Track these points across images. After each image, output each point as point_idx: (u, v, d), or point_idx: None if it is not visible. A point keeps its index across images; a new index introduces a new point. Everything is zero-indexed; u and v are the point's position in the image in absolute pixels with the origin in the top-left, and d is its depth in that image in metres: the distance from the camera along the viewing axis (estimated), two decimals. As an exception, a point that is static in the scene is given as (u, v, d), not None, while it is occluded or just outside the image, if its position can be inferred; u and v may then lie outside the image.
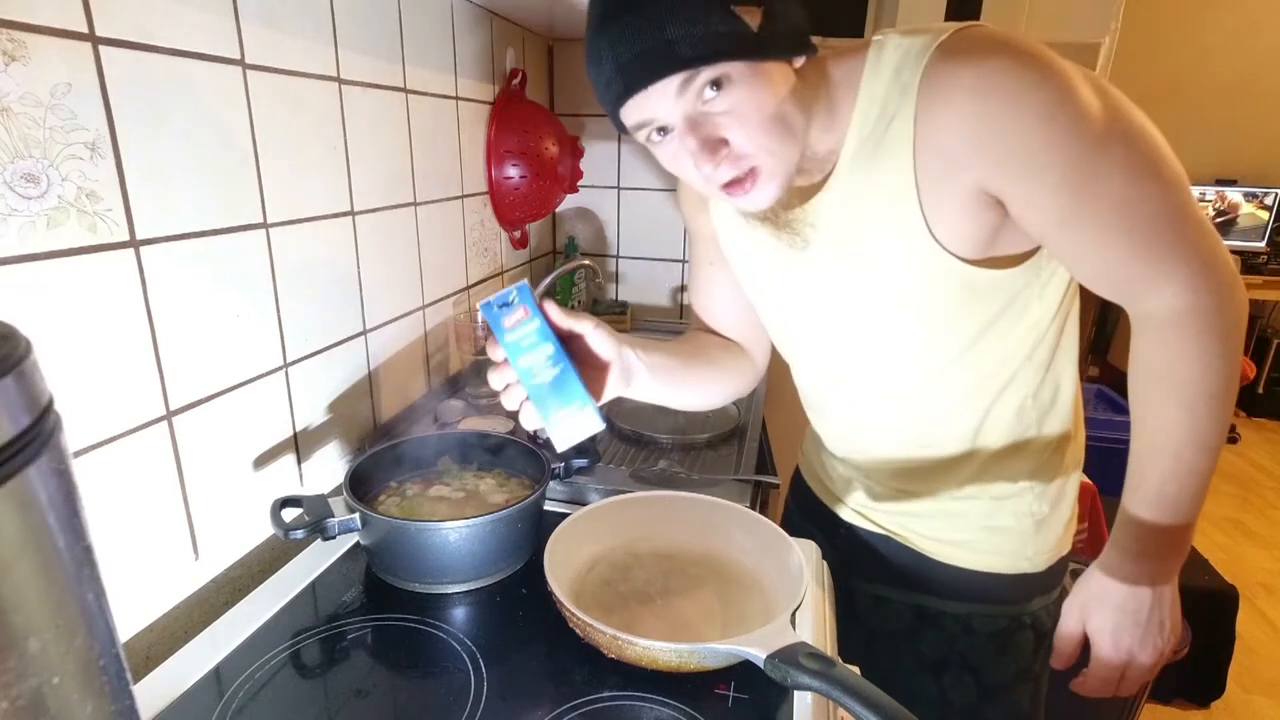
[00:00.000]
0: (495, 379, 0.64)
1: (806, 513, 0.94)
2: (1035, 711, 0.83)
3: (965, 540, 0.78)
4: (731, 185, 0.61)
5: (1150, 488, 0.62)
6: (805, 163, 0.66)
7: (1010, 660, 0.80)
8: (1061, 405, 0.75)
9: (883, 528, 0.84)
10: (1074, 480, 0.79)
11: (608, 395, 0.69)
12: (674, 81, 0.56)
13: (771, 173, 0.61)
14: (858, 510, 0.86)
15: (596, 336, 0.67)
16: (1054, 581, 0.81)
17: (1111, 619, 0.66)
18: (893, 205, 0.64)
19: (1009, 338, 0.69)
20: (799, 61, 0.60)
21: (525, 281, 0.64)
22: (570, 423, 0.61)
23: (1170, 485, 0.61)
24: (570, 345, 0.64)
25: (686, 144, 0.59)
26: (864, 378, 0.76)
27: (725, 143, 0.59)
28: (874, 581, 0.85)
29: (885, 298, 0.69)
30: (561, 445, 0.62)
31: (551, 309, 0.63)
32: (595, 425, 0.62)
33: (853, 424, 0.82)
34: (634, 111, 0.58)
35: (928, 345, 0.71)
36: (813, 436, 0.94)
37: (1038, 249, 0.66)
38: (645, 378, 0.72)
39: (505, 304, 0.61)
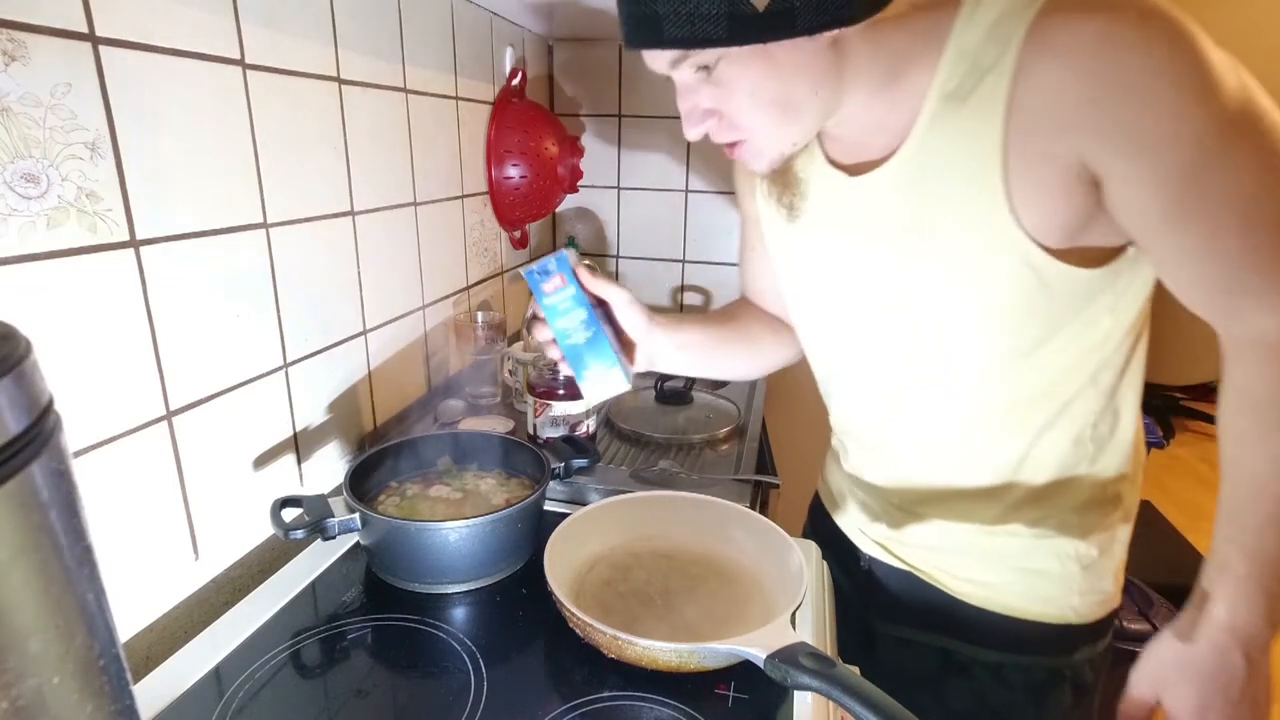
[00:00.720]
0: (539, 333, 0.71)
1: (824, 544, 0.85)
2: None
3: (998, 582, 0.70)
4: (725, 145, 0.60)
5: (1246, 539, 0.53)
6: (865, 132, 0.61)
7: (1045, 716, 0.72)
8: (1120, 440, 0.67)
9: (906, 563, 0.76)
10: (1128, 526, 0.71)
11: (635, 369, 0.74)
12: (664, 55, 0.54)
13: (760, 150, 0.59)
14: (879, 542, 0.78)
15: (627, 313, 0.71)
16: (1102, 631, 0.72)
17: (1195, 693, 0.55)
18: (971, 173, 0.56)
19: (1070, 351, 0.61)
20: (833, 32, 0.52)
21: (565, 251, 0.69)
22: (600, 381, 0.68)
23: (1270, 535, 0.52)
24: (608, 309, 0.70)
25: (679, 104, 0.58)
26: (896, 378, 0.69)
27: (714, 113, 0.58)
28: (897, 623, 0.78)
29: (938, 282, 0.61)
30: (591, 400, 0.70)
31: (585, 276, 0.68)
32: (622, 386, 0.68)
33: (879, 437, 0.75)
34: (641, 57, 0.57)
35: (976, 344, 0.62)
36: (833, 455, 0.87)
37: (1122, 250, 0.58)
38: (672, 355, 0.75)
39: (545, 271, 0.67)
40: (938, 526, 0.72)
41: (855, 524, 0.81)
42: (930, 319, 0.64)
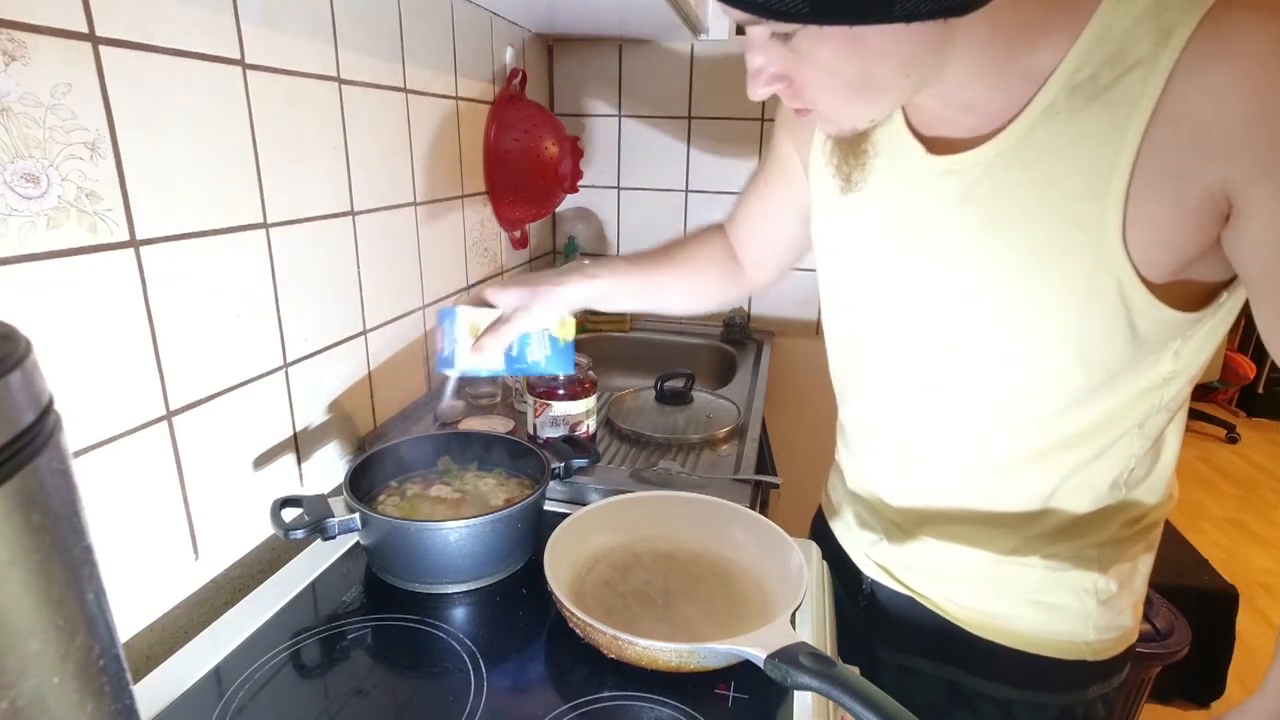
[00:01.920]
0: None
1: (827, 562, 0.81)
2: None
3: (1007, 614, 0.66)
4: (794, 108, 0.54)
5: None
6: (953, 109, 0.54)
7: None
8: (1156, 478, 0.63)
9: (909, 588, 0.72)
10: (1151, 555, 0.67)
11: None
12: (738, 12, 0.47)
13: (830, 120, 0.54)
14: (881, 565, 0.74)
15: (529, 325, 0.72)
16: (1117, 667, 0.68)
17: None
18: (1083, 183, 0.49)
19: (1124, 394, 0.56)
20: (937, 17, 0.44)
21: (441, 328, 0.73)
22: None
23: None
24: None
25: (748, 58, 0.52)
26: (922, 385, 0.64)
27: (783, 78, 0.51)
28: (900, 650, 0.75)
29: (999, 297, 0.55)
30: None
31: (454, 342, 0.71)
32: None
33: (889, 442, 0.70)
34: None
35: (1031, 378, 0.57)
36: (836, 470, 0.83)
37: (1216, 296, 0.53)
38: (600, 304, 0.77)
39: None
40: (943, 549, 0.68)
41: (857, 545, 0.77)
42: (974, 336, 0.58)
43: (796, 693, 0.60)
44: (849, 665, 0.55)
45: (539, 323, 0.73)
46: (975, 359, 0.59)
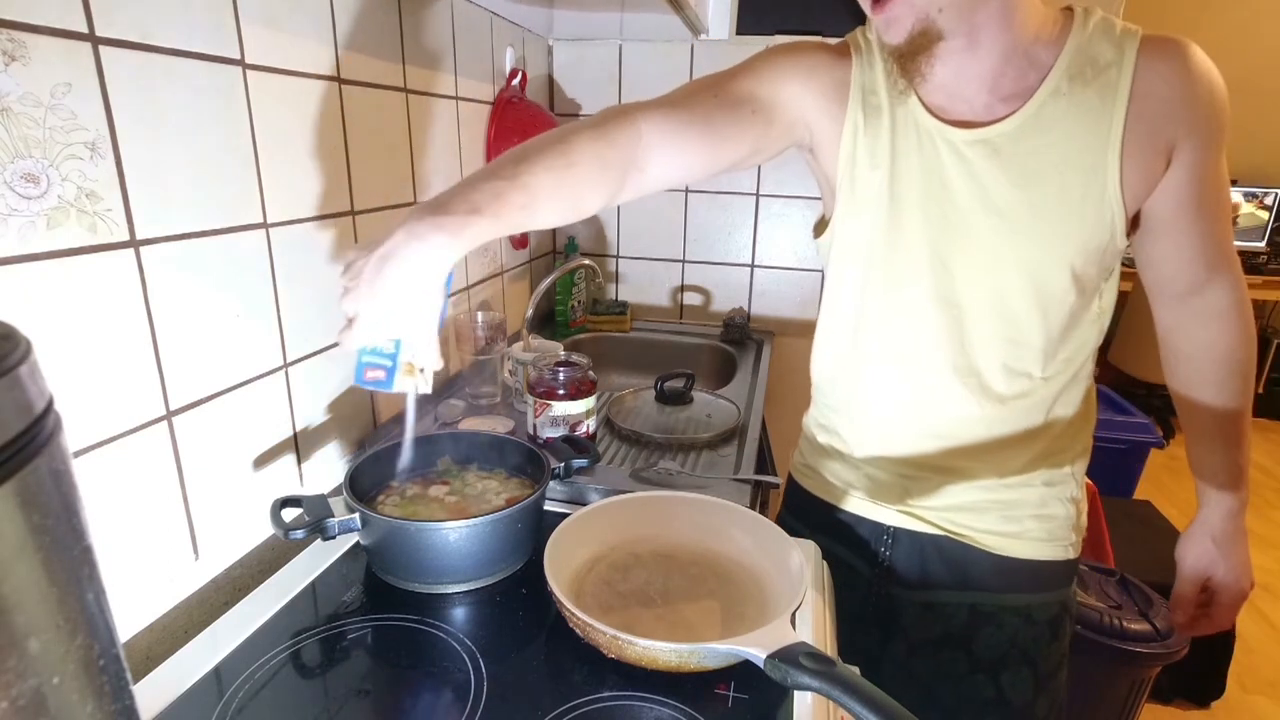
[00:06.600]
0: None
1: (833, 536, 0.87)
2: (1064, 698, 0.85)
3: (1018, 531, 0.80)
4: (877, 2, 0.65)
5: (1238, 443, 0.77)
6: (969, 86, 0.69)
7: (1058, 646, 0.82)
8: (1092, 396, 0.81)
9: (937, 526, 0.81)
10: (1086, 460, 0.84)
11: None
12: None
13: (912, 4, 0.63)
14: (908, 512, 0.82)
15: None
16: (1076, 565, 0.84)
17: (1242, 554, 0.80)
18: (1090, 144, 0.67)
19: (1092, 319, 0.74)
20: None
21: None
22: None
23: (1245, 440, 0.77)
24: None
25: None
26: (954, 340, 0.75)
27: None
28: (923, 588, 0.83)
29: (1031, 235, 0.69)
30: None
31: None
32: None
33: (918, 401, 0.78)
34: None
35: (1040, 303, 0.72)
36: (825, 451, 0.88)
37: (1135, 227, 0.72)
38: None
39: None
40: (963, 485, 0.79)
41: (876, 505, 0.84)
42: (993, 273, 0.71)
43: (796, 693, 0.60)
44: (849, 665, 0.55)
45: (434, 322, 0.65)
46: (993, 293, 0.72)
